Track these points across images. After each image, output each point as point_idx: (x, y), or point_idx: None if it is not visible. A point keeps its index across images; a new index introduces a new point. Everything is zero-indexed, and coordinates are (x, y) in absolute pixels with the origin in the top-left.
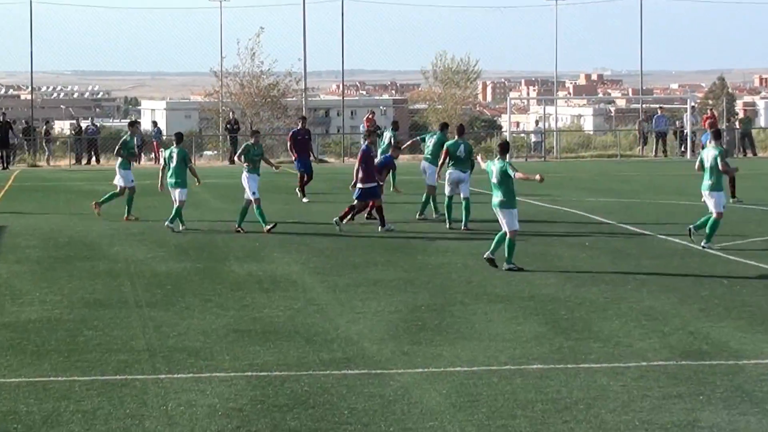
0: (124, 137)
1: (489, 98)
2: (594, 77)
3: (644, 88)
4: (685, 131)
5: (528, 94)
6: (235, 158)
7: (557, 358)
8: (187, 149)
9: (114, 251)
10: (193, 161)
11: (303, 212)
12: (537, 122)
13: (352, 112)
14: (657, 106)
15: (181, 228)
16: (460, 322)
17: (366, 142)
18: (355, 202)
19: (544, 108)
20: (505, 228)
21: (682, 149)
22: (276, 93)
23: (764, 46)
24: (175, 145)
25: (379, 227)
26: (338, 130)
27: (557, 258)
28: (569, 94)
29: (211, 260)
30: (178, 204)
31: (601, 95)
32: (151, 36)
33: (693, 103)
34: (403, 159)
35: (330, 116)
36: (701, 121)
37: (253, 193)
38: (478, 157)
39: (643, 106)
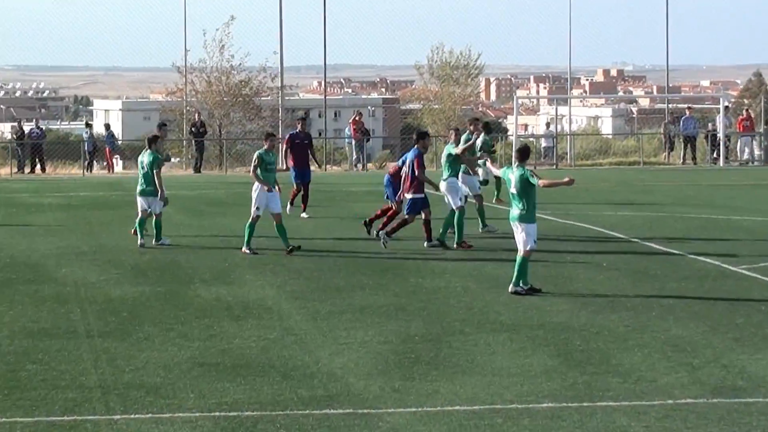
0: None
1: (493, 97)
2: (613, 73)
3: (671, 85)
4: (718, 135)
5: (538, 92)
6: (251, 173)
7: (570, 395)
8: (162, 154)
9: (62, 273)
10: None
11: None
12: (548, 125)
13: (335, 113)
14: (685, 106)
15: (140, 241)
16: (459, 355)
17: (416, 147)
18: (407, 215)
19: (556, 108)
20: (519, 245)
21: (714, 155)
22: (248, 91)
23: None
24: (147, 148)
25: (425, 243)
26: (320, 134)
27: (570, 280)
28: (585, 92)
29: (174, 283)
30: (155, 218)
31: (621, 93)
32: (104, 26)
33: (726, 103)
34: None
35: (310, 118)
36: (735, 123)
37: (273, 209)
38: (488, 163)
39: (670, 106)
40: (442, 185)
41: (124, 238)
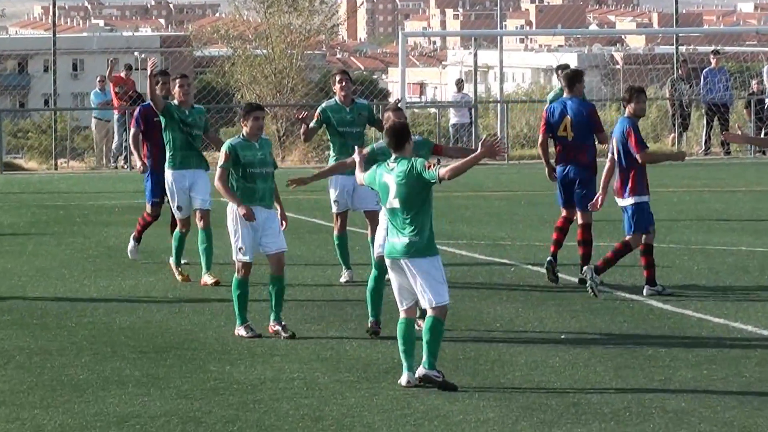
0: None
1: (362, 36)
2: None
3: (683, 12)
4: (767, 100)
5: (444, 26)
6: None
7: None
8: None
9: None
10: None
11: None
12: (460, 84)
13: (75, 64)
14: (710, 49)
15: None
16: None
17: (625, 113)
18: (629, 235)
19: (475, 54)
20: (422, 299)
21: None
22: None
23: None
24: None
25: (645, 289)
26: (47, 102)
27: (506, 365)
28: (527, 25)
29: None
30: None
31: (595, 27)
32: None
33: None
34: None
35: (29, 72)
36: None
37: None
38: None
39: (681, 49)
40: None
41: None
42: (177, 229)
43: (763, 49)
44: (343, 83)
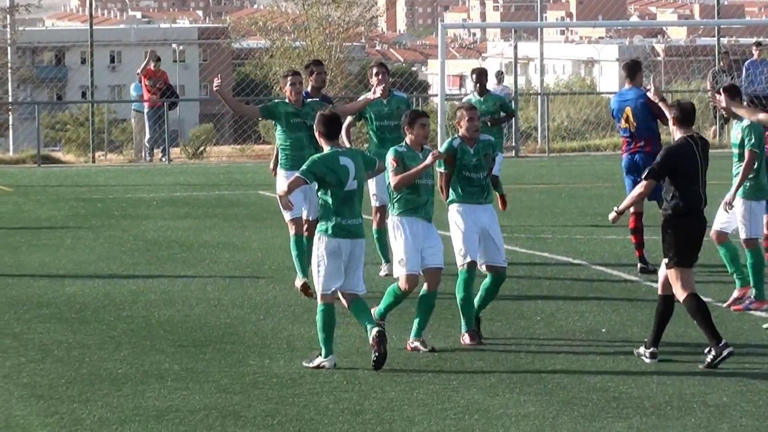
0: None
1: (401, 27)
2: None
3: (725, 3)
4: None
5: (484, 17)
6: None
7: None
8: None
9: None
10: None
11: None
12: (499, 76)
13: (112, 56)
14: (752, 41)
15: None
16: None
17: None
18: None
19: (515, 46)
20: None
21: None
22: None
23: None
24: None
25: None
26: (84, 94)
27: (542, 358)
28: (568, 16)
29: None
30: None
31: (636, 19)
32: None
33: None
34: None
35: (67, 64)
36: None
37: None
38: None
39: (723, 41)
40: None
41: None
42: (291, 235)
43: None
44: (380, 76)
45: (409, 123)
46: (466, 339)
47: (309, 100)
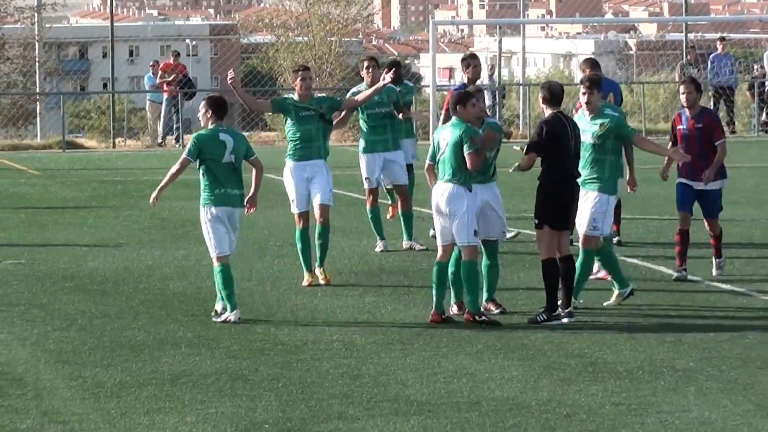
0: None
1: (395, 23)
2: None
3: (691, 2)
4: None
5: (471, 15)
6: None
7: None
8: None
9: None
10: None
11: (39, 238)
12: (492, 70)
13: (131, 51)
14: (716, 36)
15: None
16: None
17: None
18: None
19: (499, 41)
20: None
21: (765, 118)
22: None
23: None
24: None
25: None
26: (105, 85)
27: (524, 329)
28: (548, 14)
29: None
30: None
31: (610, 16)
32: None
33: None
34: None
35: (89, 58)
36: None
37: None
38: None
39: (690, 36)
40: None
41: None
42: (297, 228)
43: (765, 35)
44: (370, 69)
45: (461, 102)
46: (454, 309)
47: (318, 95)
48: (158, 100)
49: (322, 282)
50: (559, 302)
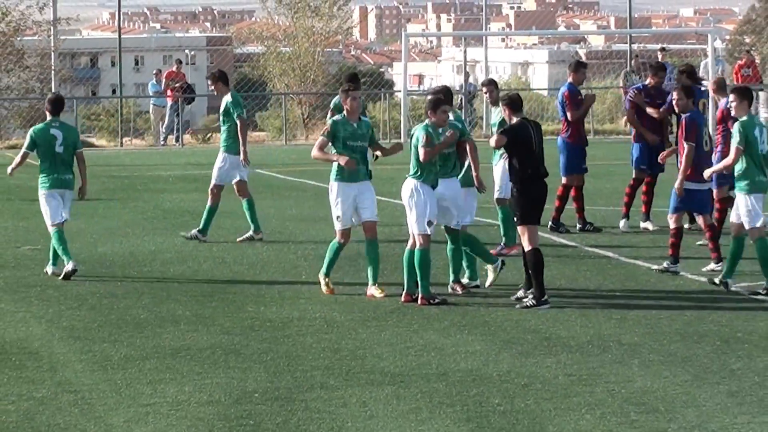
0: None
1: (372, 35)
2: None
3: (635, 15)
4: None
5: (439, 28)
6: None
7: None
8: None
9: None
10: None
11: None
12: (467, 76)
13: (136, 60)
14: (658, 47)
15: None
16: (320, 420)
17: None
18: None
19: (464, 51)
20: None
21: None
22: (5, 28)
23: None
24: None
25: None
26: (114, 91)
27: (486, 307)
28: (508, 27)
29: None
30: None
31: (563, 29)
32: None
33: (718, 41)
34: None
35: (99, 67)
36: (732, 71)
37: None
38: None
39: (634, 46)
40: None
41: None
42: (335, 240)
43: (701, 46)
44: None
45: (432, 108)
46: (458, 289)
47: (363, 118)
48: (161, 104)
49: (379, 295)
50: (527, 289)
